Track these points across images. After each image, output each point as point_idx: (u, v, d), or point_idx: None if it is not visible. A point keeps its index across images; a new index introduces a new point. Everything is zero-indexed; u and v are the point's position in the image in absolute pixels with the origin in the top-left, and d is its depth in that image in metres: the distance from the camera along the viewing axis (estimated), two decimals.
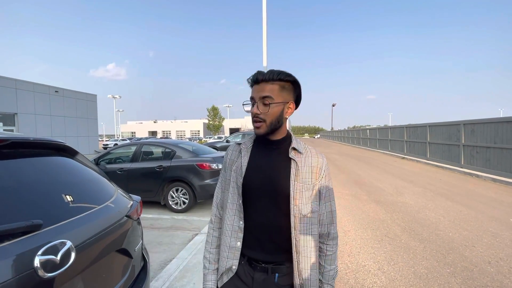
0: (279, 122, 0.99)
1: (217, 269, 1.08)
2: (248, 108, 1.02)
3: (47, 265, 0.95)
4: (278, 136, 1.03)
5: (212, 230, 1.13)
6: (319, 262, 1.04)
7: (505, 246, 3.30)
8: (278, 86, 0.96)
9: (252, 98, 0.99)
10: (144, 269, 1.72)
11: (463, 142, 9.56)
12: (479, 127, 8.78)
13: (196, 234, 3.97)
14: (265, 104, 0.95)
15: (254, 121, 0.98)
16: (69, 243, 1.04)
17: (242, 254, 1.01)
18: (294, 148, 1.01)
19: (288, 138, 1.05)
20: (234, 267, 1.00)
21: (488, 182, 7.56)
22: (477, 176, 8.26)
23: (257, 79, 0.97)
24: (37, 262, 0.92)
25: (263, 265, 0.99)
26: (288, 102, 1.00)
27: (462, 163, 9.52)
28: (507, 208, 4.93)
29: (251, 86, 1.01)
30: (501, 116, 8.70)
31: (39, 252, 0.94)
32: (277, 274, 0.99)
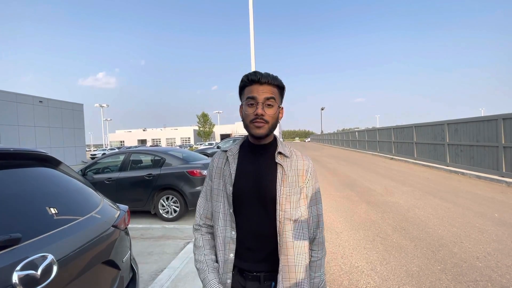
0: (276, 125, 0.99)
1: (217, 268, 1.01)
2: (249, 108, 0.95)
3: (27, 281, 0.90)
4: (268, 140, 1.01)
5: (200, 235, 1.05)
6: None
7: (492, 241, 3.39)
8: (277, 90, 0.97)
9: (253, 98, 0.93)
10: (133, 280, 1.67)
11: (447, 141, 9.86)
12: (462, 126, 9.09)
13: (188, 243, 3.89)
14: (269, 105, 0.94)
15: (255, 122, 0.94)
16: (50, 257, 1.00)
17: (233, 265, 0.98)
18: (280, 153, 1.00)
19: (274, 142, 1.04)
20: (228, 281, 0.96)
21: (473, 179, 7.80)
22: (463, 173, 8.51)
23: (260, 80, 0.93)
24: (15, 278, 0.88)
25: (254, 273, 0.97)
26: (281, 107, 1.01)
27: (448, 161, 9.80)
28: (492, 203, 5.09)
29: (248, 85, 0.96)
30: (482, 115, 9.03)
31: (18, 268, 0.90)
32: (272, 283, 0.96)
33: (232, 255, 0.97)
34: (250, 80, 0.95)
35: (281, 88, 0.99)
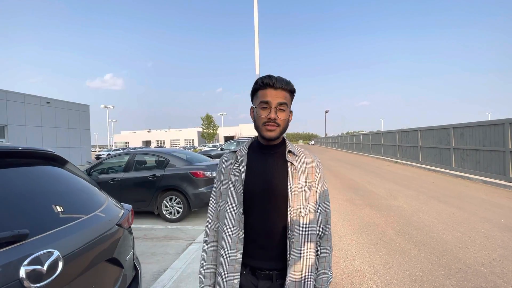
0: (287, 127, 1.03)
1: (214, 284, 1.06)
2: (262, 112, 0.97)
3: (33, 276, 0.93)
4: (277, 141, 1.04)
5: (206, 244, 1.10)
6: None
7: (498, 247, 3.34)
8: (289, 94, 1.00)
9: (266, 102, 0.96)
10: (136, 279, 1.69)
11: (453, 145, 9.75)
12: (468, 131, 8.98)
13: (191, 243, 3.91)
14: (281, 110, 0.97)
15: (268, 125, 0.96)
16: (56, 253, 1.02)
17: (244, 264, 0.99)
18: (290, 151, 1.03)
19: (283, 143, 1.07)
20: (236, 281, 0.97)
21: (479, 184, 7.69)
22: (468, 178, 8.40)
23: (275, 85, 0.96)
24: (22, 272, 0.90)
25: (267, 272, 0.98)
26: (291, 110, 1.05)
27: (453, 166, 9.68)
28: (498, 209, 5.01)
29: (262, 88, 0.98)
30: (489, 119, 8.92)
31: (25, 262, 0.92)
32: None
33: (239, 255, 0.98)
34: (264, 84, 0.97)
35: (292, 92, 1.02)
